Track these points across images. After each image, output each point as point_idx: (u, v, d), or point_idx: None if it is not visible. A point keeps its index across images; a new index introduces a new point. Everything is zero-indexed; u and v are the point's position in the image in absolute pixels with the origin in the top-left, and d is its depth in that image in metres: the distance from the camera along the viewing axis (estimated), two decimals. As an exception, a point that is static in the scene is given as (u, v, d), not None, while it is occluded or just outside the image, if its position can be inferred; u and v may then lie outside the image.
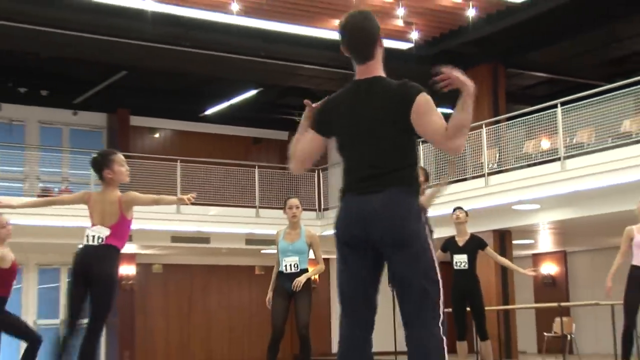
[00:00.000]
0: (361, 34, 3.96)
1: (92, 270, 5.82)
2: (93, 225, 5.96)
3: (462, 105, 3.74)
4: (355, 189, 3.91)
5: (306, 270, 8.37)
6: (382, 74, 4.00)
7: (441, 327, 3.79)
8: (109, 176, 5.99)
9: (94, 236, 5.86)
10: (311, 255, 8.59)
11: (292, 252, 8.33)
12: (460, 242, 9.99)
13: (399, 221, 3.79)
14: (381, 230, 3.79)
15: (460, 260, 9.92)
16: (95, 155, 6.20)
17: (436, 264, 3.84)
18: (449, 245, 10.09)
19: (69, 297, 6.07)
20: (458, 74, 3.72)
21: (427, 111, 3.82)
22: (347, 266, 3.91)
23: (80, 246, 6.07)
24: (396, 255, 3.82)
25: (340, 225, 3.92)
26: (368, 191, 3.85)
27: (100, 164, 6.01)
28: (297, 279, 8.23)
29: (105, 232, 5.86)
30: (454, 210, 10.22)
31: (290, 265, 8.29)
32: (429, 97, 3.85)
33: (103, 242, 5.84)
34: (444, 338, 3.78)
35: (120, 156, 6.12)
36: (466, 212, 10.20)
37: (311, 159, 4.14)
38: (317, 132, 4.06)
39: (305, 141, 4.09)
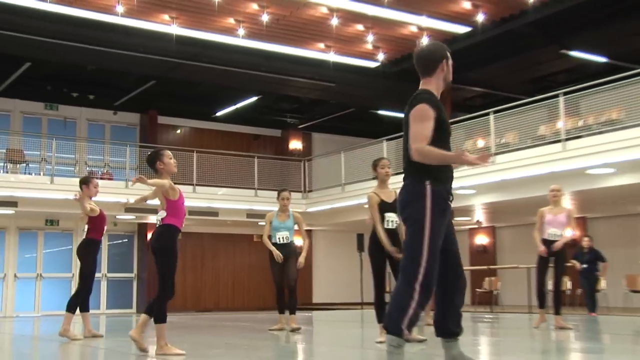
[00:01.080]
0: (424, 54, 4.03)
1: (153, 246, 5.74)
2: (159, 210, 5.88)
3: (450, 156, 3.71)
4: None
5: (293, 242, 8.87)
6: (430, 88, 3.93)
7: (417, 288, 3.67)
8: (160, 167, 5.84)
9: (157, 219, 5.80)
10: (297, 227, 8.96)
11: (284, 229, 8.77)
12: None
13: (407, 202, 3.81)
14: (401, 212, 3.86)
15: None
16: (149, 154, 6.11)
17: (426, 238, 3.70)
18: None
19: None
20: (481, 161, 3.72)
21: (415, 119, 3.76)
22: None
23: None
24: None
25: None
26: (403, 184, 3.92)
27: (154, 159, 5.89)
28: (299, 262, 8.67)
29: (163, 214, 5.75)
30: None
31: (282, 237, 8.75)
32: (423, 108, 3.75)
33: (162, 223, 5.73)
34: (416, 295, 3.66)
35: (168, 152, 5.97)
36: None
37: None
38: None
39: None
